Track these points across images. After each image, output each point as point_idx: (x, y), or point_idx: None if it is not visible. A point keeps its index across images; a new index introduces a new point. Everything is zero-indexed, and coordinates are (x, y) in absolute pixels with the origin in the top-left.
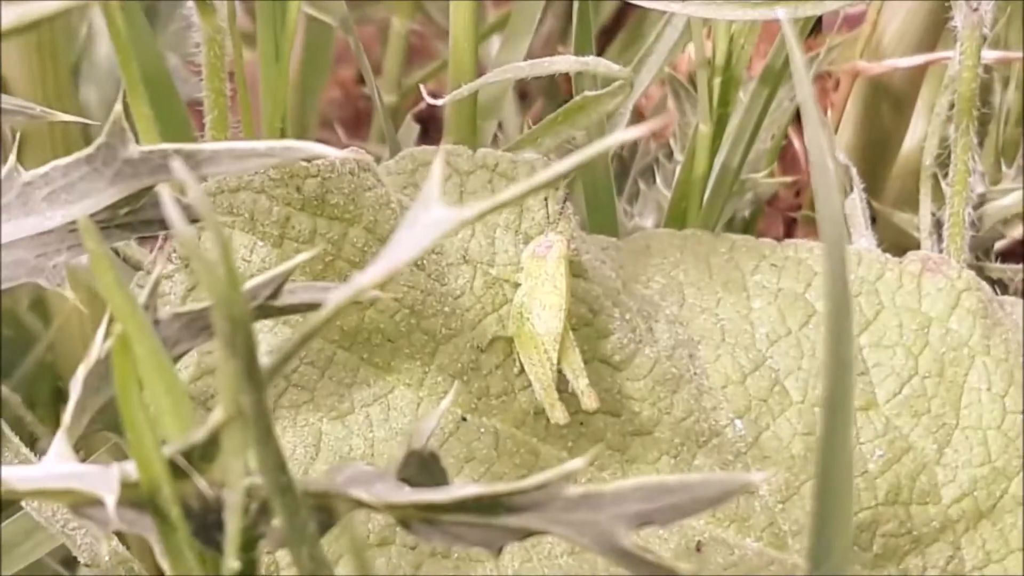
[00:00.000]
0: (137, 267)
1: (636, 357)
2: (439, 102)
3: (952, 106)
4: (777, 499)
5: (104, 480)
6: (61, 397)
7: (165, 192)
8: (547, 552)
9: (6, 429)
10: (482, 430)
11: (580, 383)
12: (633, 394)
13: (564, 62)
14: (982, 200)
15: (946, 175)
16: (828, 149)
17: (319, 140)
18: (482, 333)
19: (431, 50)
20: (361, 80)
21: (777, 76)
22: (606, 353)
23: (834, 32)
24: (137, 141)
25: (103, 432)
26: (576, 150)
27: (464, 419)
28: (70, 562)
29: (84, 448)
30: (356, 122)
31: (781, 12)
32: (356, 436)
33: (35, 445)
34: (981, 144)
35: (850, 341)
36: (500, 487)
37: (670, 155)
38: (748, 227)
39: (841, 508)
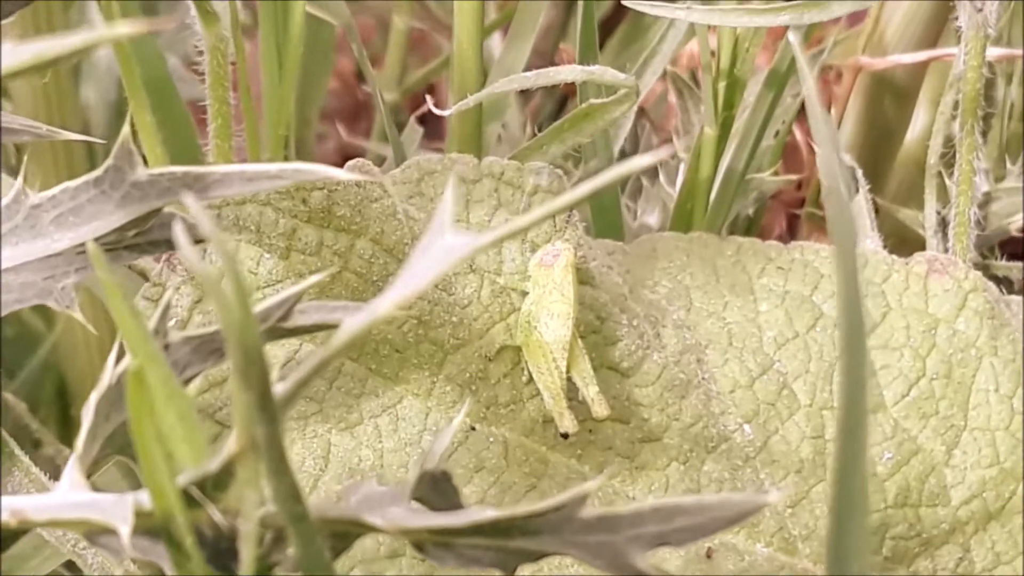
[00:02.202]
0: (142, 275)
1: (644, 363)
2: (445, 113)
3: (956, 105)
4: (786, 504)
5: (118, 510)
6: (64, 397)
7: (179, 230)
8: (558, 563)
9: (16, 448)
10: (491, 439)
11: (590, 391)
12: (642, 400)
13: (570, 72)
14: (987, 199)
15: (951, 173)
16: (840, 165)
17: (319, 134)
18: (490, 342)
19: (430, 42)
20: (359, 73)
21: (782, 79)
22: (614, 360)
23: (837, 28)
24: (140, 150)
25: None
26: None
27: (473, 428)
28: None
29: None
30: (355, 114)
31: (786, 19)
32: (365, 447)
33: (39, 450)
34: (984, 140)
35: (864, 351)
36: (515, 511)
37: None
38: (752, 224)
39: (858, 518)
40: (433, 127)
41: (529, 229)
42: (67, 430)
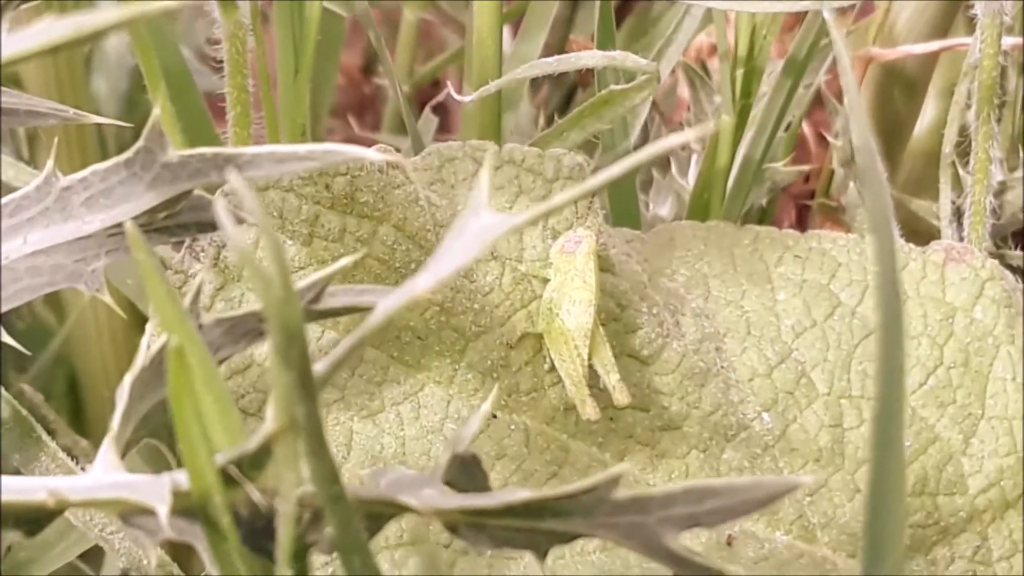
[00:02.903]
0: (160, 262)
1: (664, 352)
2: (467, 99)
3: (970, 94)
4: (805, 492)
5: (156, 490)
6: (75, 389)
7: (222, 206)
8: (580, 548)
9: (43, 434)
10: (512, 427)
11: (611, 378)
12: (662, 389)
13: (591, 57)
14: (1002, 188)
15: (964, 163)
16: (876, 152)
17: (330, 129)
18: (511, 329)
19: (436, 34)
20: (364, 68)
21: (800, 67)
22: (634, 348)
23: (848, 18)
24: None
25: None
26: (597, 141)
27: (495, 416)
28: (88, 556)
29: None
30: (361, 108)
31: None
32: (387, 434)
33: (53, 439)
34: (996, 129)
35: (900, 331)
36: (550, 492)
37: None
38: (764, 215)
39: (894, 512)
40: (441, 120)
41: (553, 214)
42: (79, 422)
